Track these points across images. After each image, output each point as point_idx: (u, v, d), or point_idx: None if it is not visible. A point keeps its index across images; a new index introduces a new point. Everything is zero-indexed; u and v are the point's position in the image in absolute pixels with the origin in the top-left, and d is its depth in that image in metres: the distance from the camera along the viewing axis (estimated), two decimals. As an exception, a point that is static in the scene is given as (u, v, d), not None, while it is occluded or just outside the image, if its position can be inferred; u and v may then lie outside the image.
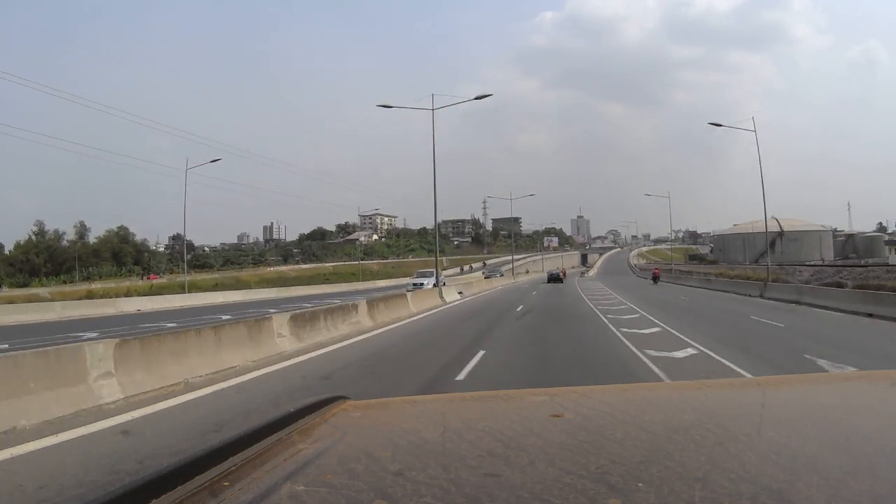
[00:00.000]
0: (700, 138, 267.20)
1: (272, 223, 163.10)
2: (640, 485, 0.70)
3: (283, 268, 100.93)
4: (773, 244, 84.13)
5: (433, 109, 25.00)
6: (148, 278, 73.20)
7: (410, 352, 9.42)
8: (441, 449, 0.94)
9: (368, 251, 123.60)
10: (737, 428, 1.01)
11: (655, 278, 43.14)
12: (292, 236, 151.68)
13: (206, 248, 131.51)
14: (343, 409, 1.16)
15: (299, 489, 0.73)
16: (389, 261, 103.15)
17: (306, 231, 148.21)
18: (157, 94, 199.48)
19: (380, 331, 12.06)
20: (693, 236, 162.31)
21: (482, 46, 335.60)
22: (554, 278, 48.20)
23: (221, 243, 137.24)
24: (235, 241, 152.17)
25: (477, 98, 27.40)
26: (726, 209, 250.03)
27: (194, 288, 41.85)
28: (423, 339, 11.12)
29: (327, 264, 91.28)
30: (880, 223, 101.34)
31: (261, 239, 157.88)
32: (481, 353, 8.76)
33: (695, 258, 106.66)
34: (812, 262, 67.04)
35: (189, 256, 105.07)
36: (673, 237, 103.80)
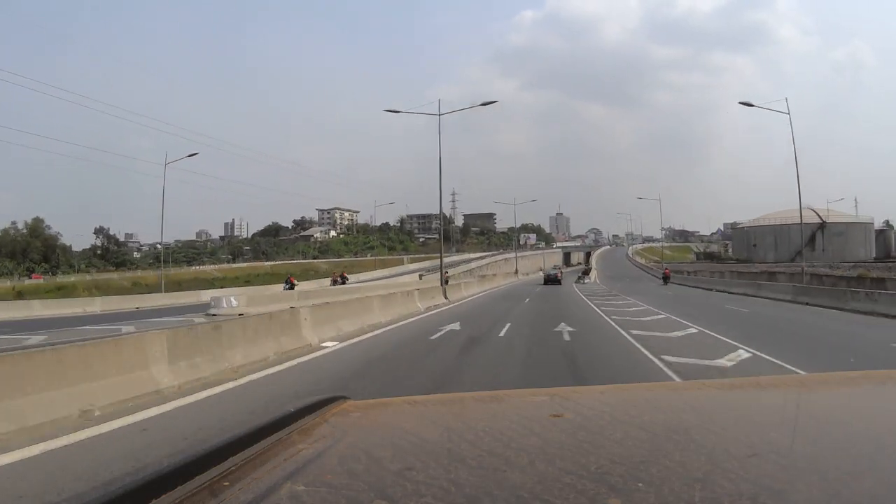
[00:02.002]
0: (681, 140, 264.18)
1: (233, 220, 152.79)
2: (640, 485, 0.70)
3: (209, 267, 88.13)
4: (812, 238, 70.79)
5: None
6: (31, 277, 67.85)
7: None
8: (441, 449, 0.94)
9: (324, 249, 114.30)
10: (737, 428, 1.01)
11: (666, 278, 43.06)
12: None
13: (159, 245, 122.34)
14: (343, 409, 1.16)
15: (299, 489, 0.73)
16: (344, 259, 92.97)
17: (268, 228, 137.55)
18: (141, 93, 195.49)
19: None
20: (683, 234, 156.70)
21: (461, 46, 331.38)
22: (551, 279, 42.84)
23: (176, 240, 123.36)
24: (194, 237, 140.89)
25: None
26: (708, 210, 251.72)
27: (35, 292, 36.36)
28: None
29: (266, 263, 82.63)
30: (887, 221, 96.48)
31: (223, 236, 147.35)
32: None
33: (710, 256, 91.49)
34: (861, 261, 57.04)
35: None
36: (663, 235, 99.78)
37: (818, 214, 73.15)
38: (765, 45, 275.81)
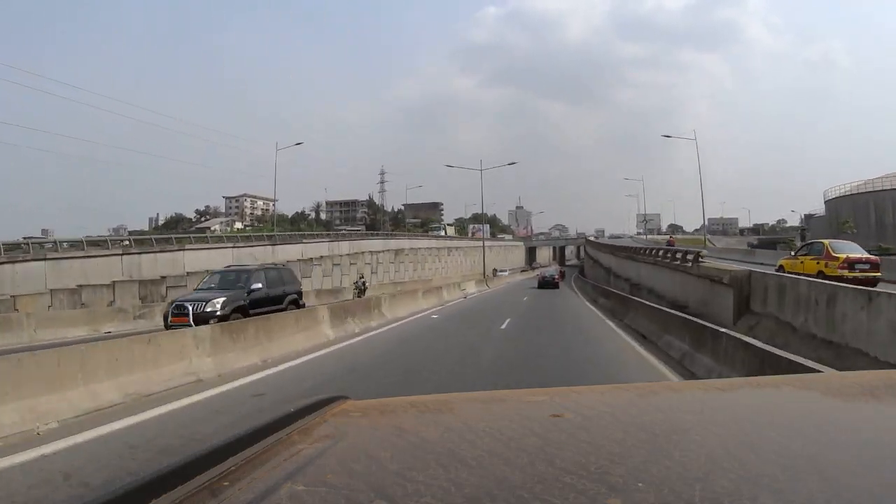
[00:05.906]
0: (645, 139, 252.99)
1: (157, 213, 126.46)
2: (640, 485, 0.70)
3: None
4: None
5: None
6: None
7: None
8: (441, 449, 0.93)
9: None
10: (737, 428, 1.01)
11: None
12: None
13: (66, 244, 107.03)
14: (343, 409, 1.16)
15: (299, 489, 0.73)
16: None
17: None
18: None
19: None
20: (674, 229, 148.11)
21: (423, 41, 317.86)
22: (547, 283, 36.35)
23: (87, 236, 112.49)
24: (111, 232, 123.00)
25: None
26: (680, 207, 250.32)
27: None
28: None
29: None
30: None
31: (133, 230, 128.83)
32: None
33: (779, 239, 61.91)
34: None
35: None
36: (646, 230, 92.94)
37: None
38: (734, 44, 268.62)
